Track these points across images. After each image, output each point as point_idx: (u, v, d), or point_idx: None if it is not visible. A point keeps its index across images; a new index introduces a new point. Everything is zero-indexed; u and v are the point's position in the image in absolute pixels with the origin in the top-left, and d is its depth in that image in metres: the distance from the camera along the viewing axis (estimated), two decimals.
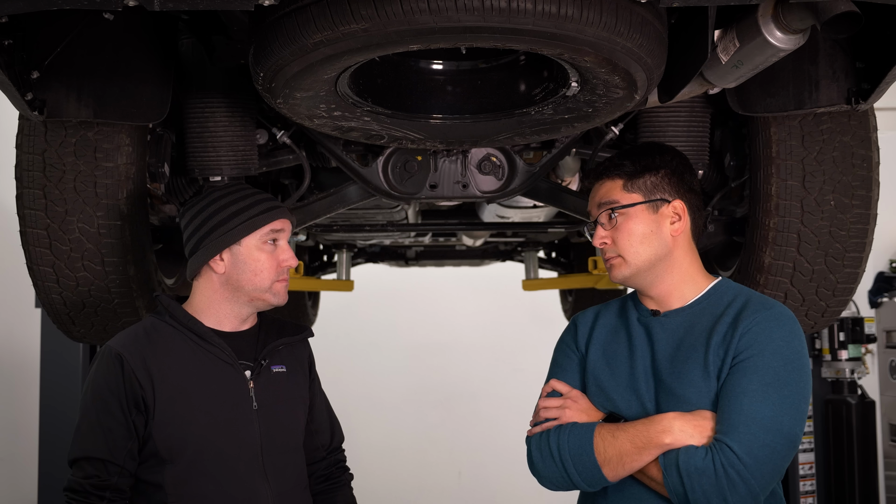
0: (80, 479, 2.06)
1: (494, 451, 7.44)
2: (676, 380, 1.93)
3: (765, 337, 1.88)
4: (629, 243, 2.00)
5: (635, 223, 2.01)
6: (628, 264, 2.01)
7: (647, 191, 2.02)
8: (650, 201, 2.01)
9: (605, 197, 2.04)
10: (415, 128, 2.32)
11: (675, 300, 2.03)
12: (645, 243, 2.00)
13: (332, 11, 1.73)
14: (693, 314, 2.00)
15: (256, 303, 2.20)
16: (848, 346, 5.37)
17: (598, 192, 2.07)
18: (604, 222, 2.04)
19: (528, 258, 4.84)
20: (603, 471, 1.92)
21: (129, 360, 2.08)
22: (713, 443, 1.84)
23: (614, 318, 2.13)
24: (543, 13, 1.72)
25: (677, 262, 2.02)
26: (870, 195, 2.57)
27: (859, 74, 2.30)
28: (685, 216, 2.03)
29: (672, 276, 2.02)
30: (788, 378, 1.87)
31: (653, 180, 2.03)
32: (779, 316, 1.93)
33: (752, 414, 1.83)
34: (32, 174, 2.46)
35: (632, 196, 2.02)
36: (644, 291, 2.06)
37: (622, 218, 2.01)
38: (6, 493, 5.58)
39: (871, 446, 5.33)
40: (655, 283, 2.03)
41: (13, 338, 5.72)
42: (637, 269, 2.01)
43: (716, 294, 2.02)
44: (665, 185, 2.03)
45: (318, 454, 2.34)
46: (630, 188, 2.02)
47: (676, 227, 2.02)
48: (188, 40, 2.50)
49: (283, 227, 2.20)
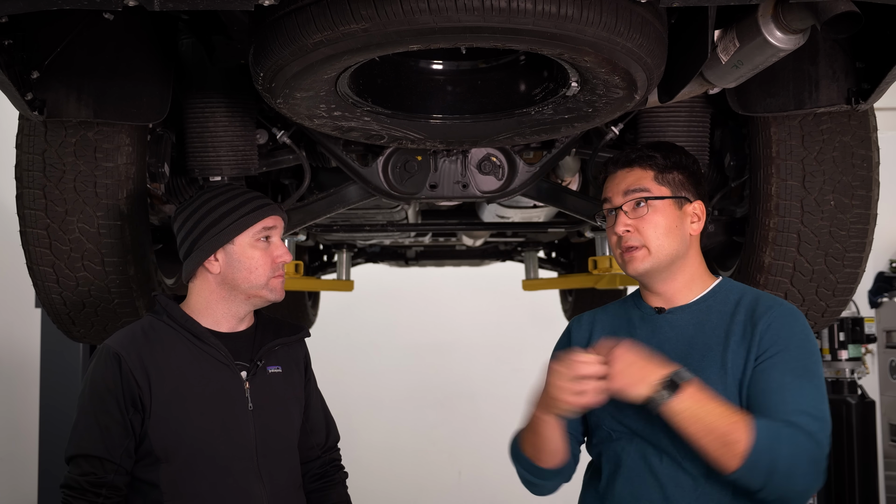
0: (77, 476, 2.07)
1: (494, 451, 7.40)
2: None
3: (787, 332, 1.93)
4: (655, 234, 2.00)
5: (662, 216, 2.02)
6: (651, 256, 2.01)
7: (675, 187, 2.03)
8: (678, 197, 2.03)
9: (634, 184, 2.03)
10: (415, 128, 2.32)
11: (680, 297, 2.04)
12: (669, 237, 2.01)
13: (332, 11, 1.74)
14: (700, 311, 2.01)
15: (254, 300, 2.21)
16: (848, 346, 5.38)
17: (625, 180, 2.05)
18: (628, 210, 2.03)
19: (528, 258, 4.84)
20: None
21: (126, 359, 2.09)
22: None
23: (614, 319, 2.13)
24: (543, 13, 1.72)
25: (690, 262, 2.05)
26: (870, 195, 2.57)
27: (859, 74, 2.30)
28: (703, 218, 2.06)
29: (684, 274, 2.04)
30: (815, 368, 1.93)
31: (680, 178, 2.04)
32: (791, 311, 1.98)
33: (798, 405, 1.86)
34: (32, 174, 2.46)
35: (661, 189, 2.03)
36: (654, 287, 2.06)
37: (651, 209, 2.01)
38: (6, 493, 5.58)
39: (871, 446, 5.33)
40: (668, 280, 2.04)
41: (13, 338, 5.71)
42: (658, 263, 2.01)
43: (721, 292, 2.04)
44: (689, 185, 2.05)
45: (313, 453, 2.34)
46: (661, 181, 2.03)
47: (695, 227, 2.05)
48: (188, 40, 2.50)
49: (276, 224, 2.21)
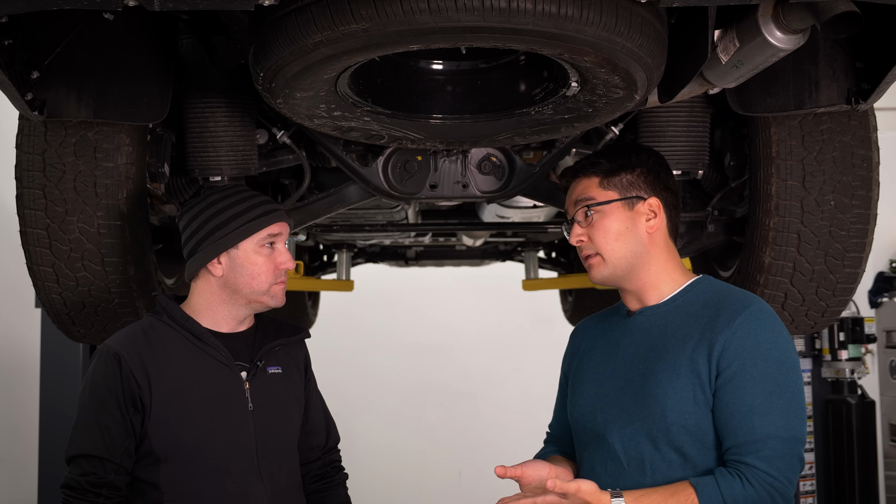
0: (77, 476, 2.07)
1: (494, 451, 7.42)
2: (647, 379, 1.94)
3: (751, 343, 1.87)
4: (605, 240, 2.01)
5: (611, 220, 2.02)
6: (606, 263, 2.02)
7: (623, 188, 2.03)
8: (626, 198, 2.02)
9: (581, 194, 2.06)
10: (415, 128, 2.32)
11: (652, 296, 2.04)
12: (620, 240, 2.01)
13: (332, 11, 1.73)
14: (667, 312, 2.01)
15: (254, 305, 2.21)
16: (848, 346, 5.37)
17: (574, 190, 2.08)
18: (580, 220, 2.05)
19: (528, 258, 4.84)
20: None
21: (126, 359, 2.09)
22: (739, 467, 1.83)
23: (598, 325, 2.16)
24: (543, 13, 1.72)
25: (653, 259, 2.03)
26: (870, 195, 2.57)
27: (859, 74, 2.30)
28: (661, 213, 2.04)
29: (648, 272, 2.03)
30: (786, 380, 1.87)
31: (629, 178, 2.04)
32: (758, 314, 1.91)
33: (767, 430, 1.83)
34: (32, 174, 2.46)
35: (607, 193, 2.03)
36: (623, 287, 2.07)
37: (598, 215, 2.02)
38: (6, 493, 5.58)
39: (871, 446, 5.33)
40: (632, 280, 2.04)
41: (13, 338, 5.71)
42: (614, 268, 2.02)
43: (692, 291, 2.02)
44: (641, 183, 2.04)
45: (312, 454, 2.34)
46: (606, 185, 2.04)
47: (652, 224, 2.03)
48: (188, 40, 2.50)
49: (281, 231, 2.21)
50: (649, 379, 1.93)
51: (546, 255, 5.12)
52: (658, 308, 2.02)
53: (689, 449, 1.89)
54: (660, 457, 1.90)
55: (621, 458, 1.94)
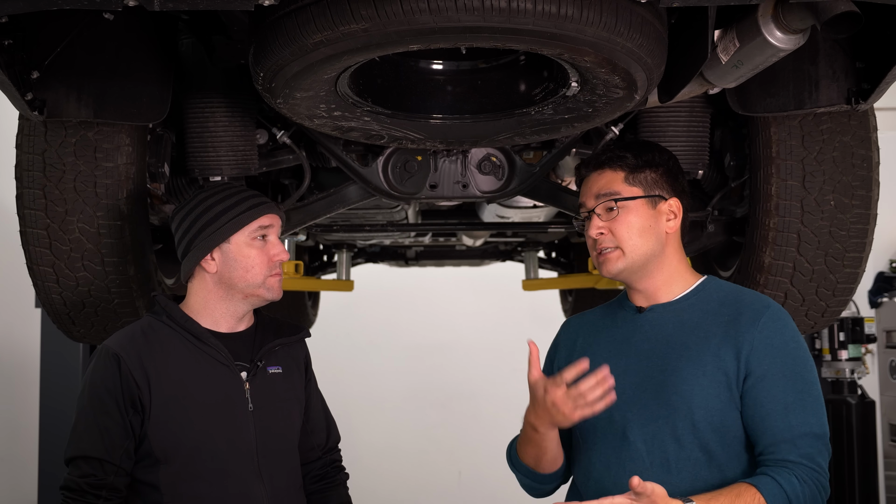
0: (77, 477, 2.07)
1: (494, 451, 7.40)
2: (670, 375, 1.93)
3: (779, 342, 1.91)
4: (629, 235, 2.00)
5: (635, 216, 2.01)
6: (625, 257, 2.01)
7: (648, 186, 2.03)
8: (650, 196, 2.02)
9: (605, 188, 2.04)
10: (415, 128, 2.32)
11: (662, 295, 2.04)
12: (643, 237, 2.01)
13: (332, 11, 1.73)
14: (681, 310, 2.01)
15: (251, 299, 2.21)
16: (848, 346, 5.38)
17: (597, 183, 2.06)
18: (601, 213, 2.03)
19: (528, 258, 4.84)
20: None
21: (125, 360, 2.08)
22: (786, 465, 1.86)
23: (600, 320, 2.14)
24: (543, 13, 1.72)
25: (668, 260, 2.04)
26: (870, 195, 2.57)
27: (859, 74, 2.30)
28: (680, 215, 2.05)
29: (662, 272, 2.03)
30: (812, 378, 1.93)
31: (653, 176, 2.04)
32: (779, 314, 1.96)
33: (803, 427, 1.88)
34: (32, 174, 2.46)
35: (633, 189, 2.02)
36: (634, 286, 2.06)
37: (622, 210, 2.01)
38: (6, 493, 5.57)
39: (871, 446, 5.34)
40: (645, 278, 2.04)
41: (13, 338, 5.71)
42: (632, 263, 2.01)
43: (704, 291, 2.03)
44: (663, 183, 2.04)
45: (313, 454, 2.34)
46: (632, 181, 2.03)
47: (672, 224, 2.04)
48: (188, 40, 2.49)
49: (272, 223, 2.21)
50: (671, 375, 1.93)
51: (546, 255, 5.12)
52: (671, 305, 2.02)
53: (714, 447, 1.90)
54: (685, 455, 1.91)
55: (644, 457, 1.93)
